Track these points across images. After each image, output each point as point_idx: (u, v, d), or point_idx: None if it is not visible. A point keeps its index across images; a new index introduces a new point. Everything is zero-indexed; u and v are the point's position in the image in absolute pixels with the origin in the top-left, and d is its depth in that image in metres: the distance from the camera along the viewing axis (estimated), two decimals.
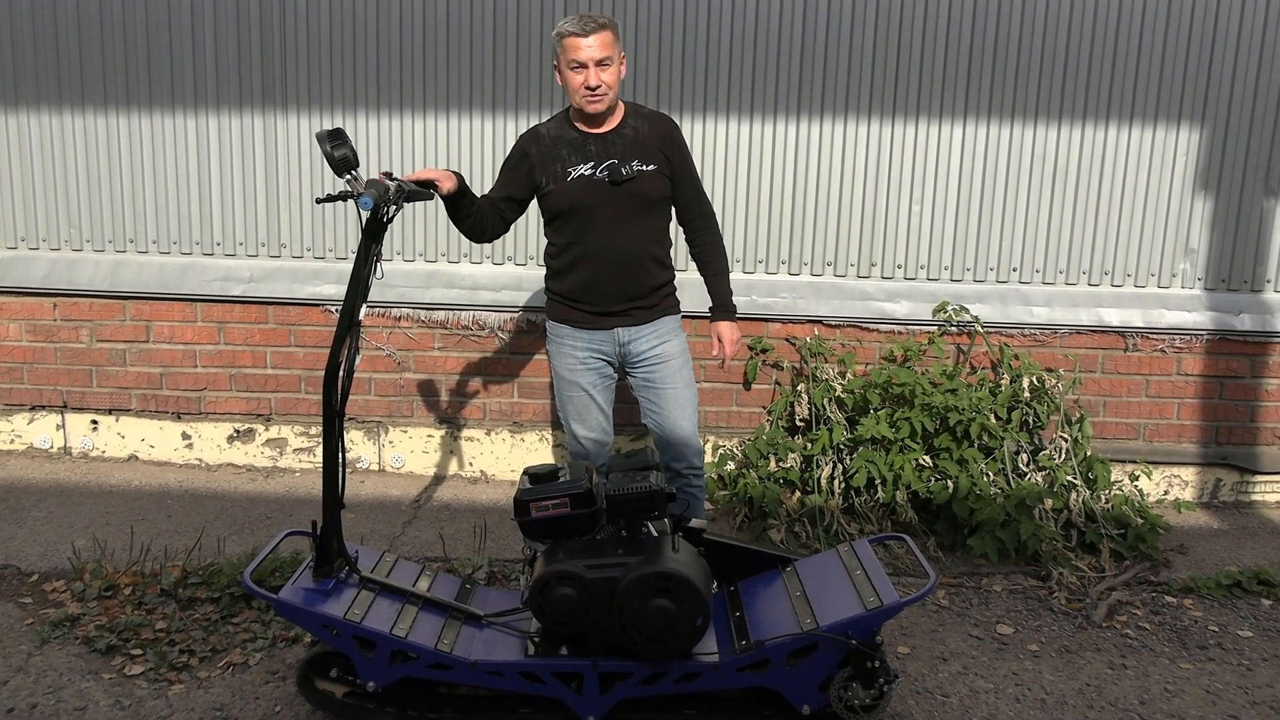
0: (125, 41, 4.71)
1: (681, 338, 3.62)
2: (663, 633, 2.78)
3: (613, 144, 3.43)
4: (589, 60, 3.30)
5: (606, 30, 3.31)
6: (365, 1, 4.61)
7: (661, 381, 3.56)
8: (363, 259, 2.96)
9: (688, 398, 3.59)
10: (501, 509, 4.55)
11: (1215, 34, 4.49)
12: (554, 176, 3.44)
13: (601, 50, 3.30)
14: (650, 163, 3.43)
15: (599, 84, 3.32)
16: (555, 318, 3.60)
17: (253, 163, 4.79)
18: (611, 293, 3.48)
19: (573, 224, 3.47)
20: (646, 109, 3.56)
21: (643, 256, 3.49)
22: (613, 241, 3.44)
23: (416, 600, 3.05)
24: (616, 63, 3.36)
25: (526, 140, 3.52)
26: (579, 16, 3.32)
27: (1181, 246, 4.67)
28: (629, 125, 3.46)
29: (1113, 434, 4.79)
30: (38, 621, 3.52)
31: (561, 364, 3.60)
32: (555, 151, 3.45)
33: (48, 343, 4.96)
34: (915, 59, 4.54)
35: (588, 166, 3.42)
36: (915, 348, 4.64)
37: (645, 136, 3.45)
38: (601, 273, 3.46)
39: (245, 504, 4.57)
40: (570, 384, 3.58)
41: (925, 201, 4.67)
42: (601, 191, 3.40)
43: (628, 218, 3.43)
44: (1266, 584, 3.96)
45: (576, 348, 3.55)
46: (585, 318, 3.52)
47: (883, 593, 2.87)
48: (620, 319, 3.51)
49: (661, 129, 3.49)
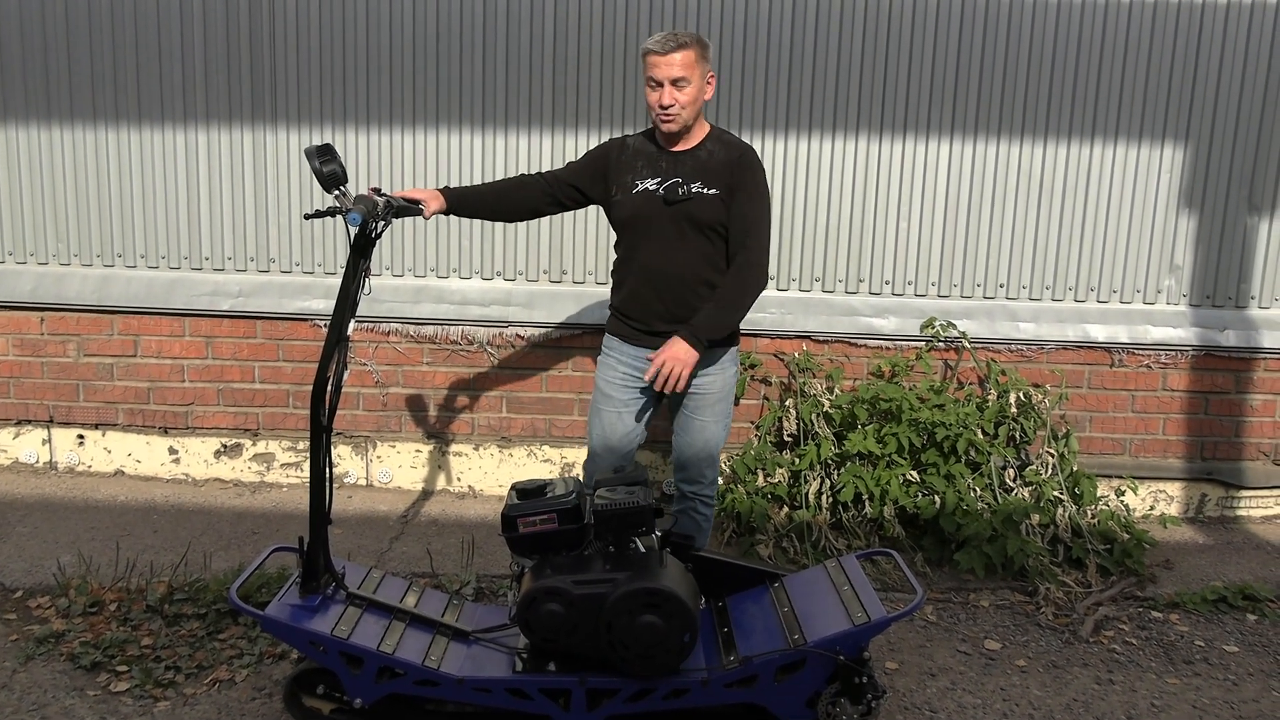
0: (114, 55, 4.71)
1: (729, 371, 3.50)
2: (651, 649, 2.78)
3: (683, 163, 3.37)
4: (665, 79, 3.23)
5: (688, 49, 3.22)
6: (355, 17, 4.63)
7: (694, 410, 3.48)
8: (351, 274, 2.96)
9: (715, 431, 3.49)
10: (489, 524, 4.54)
11: (1199, 52, 4.53)
12: (624, 187, 3.41)
13: (679, 70, 3.22)
14: (712, 187, 3.33)
15: (671, 103, 3.26)
16: (609, 329, 3.55)
17: (241, 177, 4.79)
18: (659, 311, 3.41)
19: (629, 236, 3.43)
20: (731, 136, 3.46)
21: (692, 279, 3.37)
22: (663, 259, 3.36)
23: (404, 616, 3.04)
24: (697, 82, 3.27)
25: (613, 146, 3.50)
26: (665, 33, 3.26)
27: (1166, 263, 4.71)
28: (705, 148, 3.38)
29: (1099, 449, 4.81)
30: (22, 638, 3.50)
31: (602, 374, 3.53)
32: (632, 163, 3.42)
33: (34, 357, 4.94)
34: (902, 77, 4.57)
35: (654, 181, 3.36)
36: (903, 363, 4.66)
37: (717, 161, 3.36)
38: (650, 289, 3.40)
39: (232, 519, 4.55)
40: (605, 396, 3.51)
41: (912, 218, 4.69)
42: (656, 208, 3.34)
43: (679, 238, 3.35)
44: (1252, 599, 3.98)
45: (621, 361, 3.48)
46: (632, 333, 3.46)
47: (870, 608, 2.87)
48: (664, 339, 3.36)
49: (735, 156, 3.36)
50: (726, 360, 3.49)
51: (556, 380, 4.83)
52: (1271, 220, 4.66)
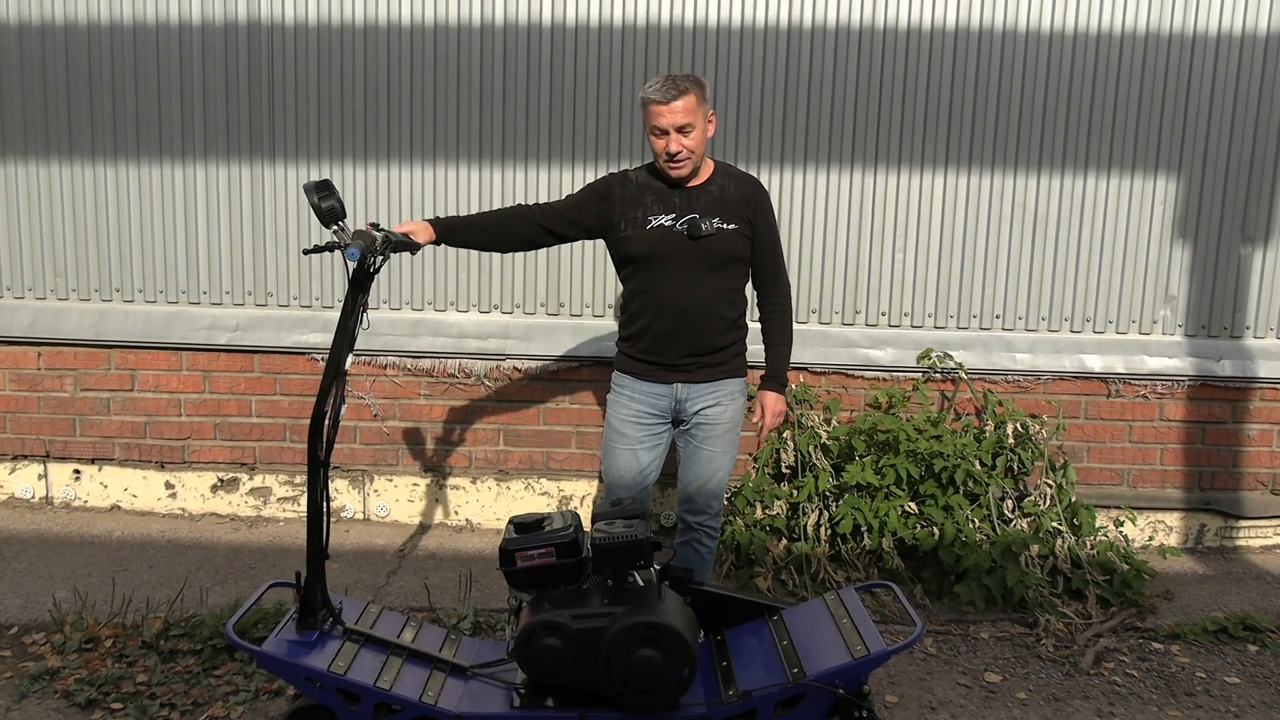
0: (113, 91, 4.74)
1: (739, 402, 3.53)
2: (650, 683, 2.76)
3: (697, 199, 3.39)
4: (669, 126, 3.25)
5: (689, 95, 3.23)
6: (352, 52, 4.66)
7: (702, 441, 3.49)
8: (349, 309, 2.96)
9: (722, 463, 3.52)
10: (487, 558, 4.53)
11: (1190, 84, 4.58)
12: (633, 222, 3.40)
13: (683, 116, 3.24)
14: (731, 222, 3.38)
15: (679, 150, 3.28)
16: (620, 368, 3.55)
17: (239, 212, 4.81)
18: (676, 346, 3.42)
19: (644, 272, 3.42)
20: (736, 170, 3.51)
21: (710, 314, 3.41)
22: (682, 295, 3.38)
23: (401, 652, 3.02)
24: (701, 125, 3.29)
25: (615, 180, 3.49)
26: (663, 80, 3.26)
27: (1161, 293, 4.73)
28: (716, 183, 3.42)
29: (1097, 480, 4.81)
30: (17, 675, 3.48)
31: (614, 411, 3.53)
32: (640, 198, 3.42)
33: (31, 392, 4.94)
34: (897, 110, 4.61)
35: (669, 217, 3.38)
36: (900, 394, 4.66)
37: (731, 196, 3.41)
38: (667, 324, 3.41)
39: (228, 554, 4.53)
40: (617, 433, 3.51)
41: (909, 249, 4.71)
42: (679, 244, 3.36)
43: (700, 273, 3.37)
44: (1252, 630, 3.97)
45: (635, 398, 3.49)
46: (647, 369, 3.46)
47: (870, 641, 2.85)
48: (682, 374, 3.44)
49: (747, 190, 3.44)
50: (736, 391, 3.52)
51: (554, 413, 4.83)
52: (1265, 250, 4.68)
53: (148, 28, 4.69)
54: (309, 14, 4.64)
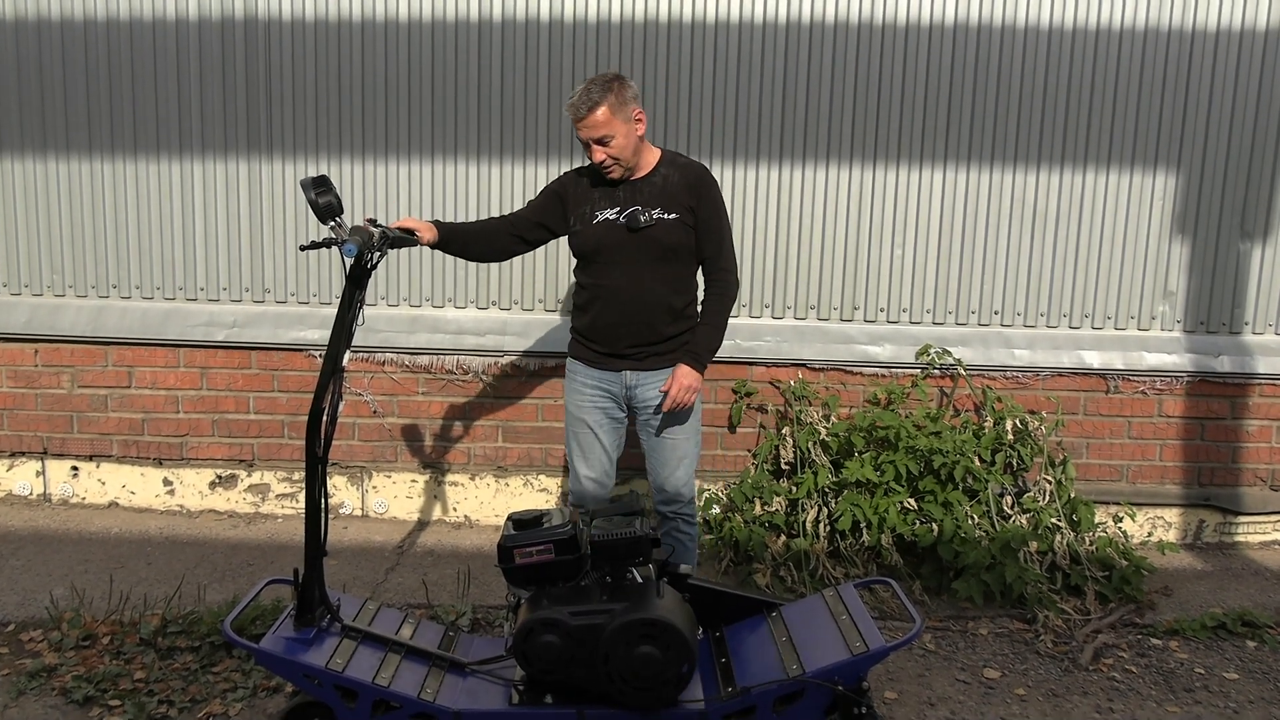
0: (110, 86, 4.73)
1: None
2: (648, 680, 2.76)
3: (640, 191, 3.46)
4: (589, 139, 3.36)
5: (599, 108, 3.31)
6: (350, 48, 4.65)
7: (662, 429, 3.57)
8: (346, 305, 2.96)
9: (687, 449, 3.59)
10: (486, 555, 4.52)
11: (1189, 79, 4.57)
12: (582, 218, 3.50)
13: (599, 129, 3.33)
14: (673, 211, 3.44)
15: (603, 159, 3.38)
16: (571, 354, 3.65)
17: (237, 208, 4.80)
18: (624, 336, 3.50)
19: (594, 266, 3.51)
20: (683, 158, 3.57)
21: (657, 304, 3.48)
22: (629, 286, 3.45)
23: (399, 649, 3.02)
24: (623, 128, 3.35)
25: (568, 179, 3.60)
26: (575, 96, 3.34)
27: (1160, 289, 4.72)
28: (660, 173, 3.49)
29: (1096, 476, 4.81)
30: (14, 672, 3.47)
31: (571, 399, 3.64)
32: (589, 194, 3.51)
33: (28, 389, 4.93)
34: (896, 105, 4.60)
35: (613, 211, 3.45)
36: (899, 390, 4.66)
37: (674, 185, 3.46)
38: (615, 315, 3.49)
39: (226, 551, 4.52)
40: (577, 420, 3.61)
41: (907, 245, 4.70)
42: (620, 237, 3.43)
43: (644, 264, 3.44)
44: (1251, 625, 3.97)
45: (586, 384, 3.58)
46: (596, 357, 3.56)
47: (869, 638, 2.85)
48: (630, 362, 3.53)
49: (691, 178, 3.48)
50: None
51: (553, 409, 4.82)
52: (1264, 246, 4.68)
53: (145, 23, 4.68)
54: (306, 9, 4.63)
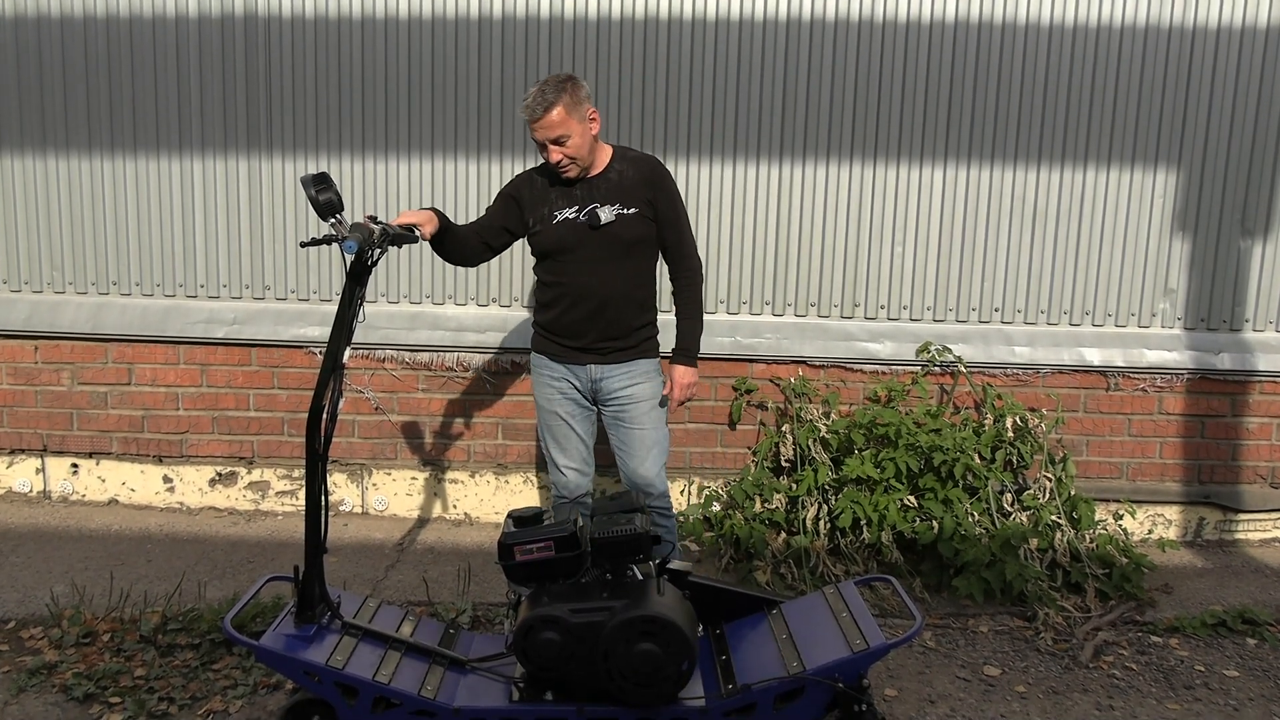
0: (110, 83, 4.73)
1: (656, 381, 3.65)
2: (648, 677, 2.76)
3: (597, 188, 3.50)
4: (544, 140, 3.39)
5: (555, 108, 3.34)
6: (350, 45, 4.65)
7: (630, 421, 3.60)
8: (347, 302, 2.96)
9: (654, 439, 3.62)
10: (486, 552, 4.52)
11: (1190, 77, 4.56)
12: (541, 219, 3.53)
13: (555, 129, 3.36)
14: (631, 206, 3.49)
15: (559, 159, 3.41)
16: (535, 348, 3.69)
17: (237, 205, 4.80)
18: (588, 331, 3.54)
19: (556, 264, 3.54)
20: (634, 152, 3.61)
21: (620, 298, 3.53)
22: (592, 282, 3.50)
23: (399, 646, 3.02)
24: (578, 128, 3.38)
25: (522, 181, 3.61)
26: (530, 98, 3.36)
27: (1161, 287, 4.72)
28: (614, 169, 3.52)
29: (1096, 473, 4.81)
30: (14, 669, 3.47)
31: (541, 394, 3.68)
32: (546, 195, 3.53)
33: (28, 385, 4.93)
34: (896, 103, 4.60)
35: (572, 210, 3.49)
36: (899, 388, 4.65)
37: (630, 180, 3.51)
38: (580, 311, 3.53)
39: (226, 548, 4.52)
40: (549, 413, 3.66)
41: (908, 243, 4.70)
42: (581, 234, 3.47)
43: (606, 260, 3.49)
44: (1251, 623, 3.97)
45: (553, 378, 3.63)
46: (561, 351, 3.60)
47: (869, 635, 2.85)
48: (594, 355, 3.57)
49: (645, 172, 3.53)
50: (651, 370, 3.64)
51: None
52: (1265, 243, 4.67)
53: (144, 19, 4.68)
54: (306, 6, 4.63)
